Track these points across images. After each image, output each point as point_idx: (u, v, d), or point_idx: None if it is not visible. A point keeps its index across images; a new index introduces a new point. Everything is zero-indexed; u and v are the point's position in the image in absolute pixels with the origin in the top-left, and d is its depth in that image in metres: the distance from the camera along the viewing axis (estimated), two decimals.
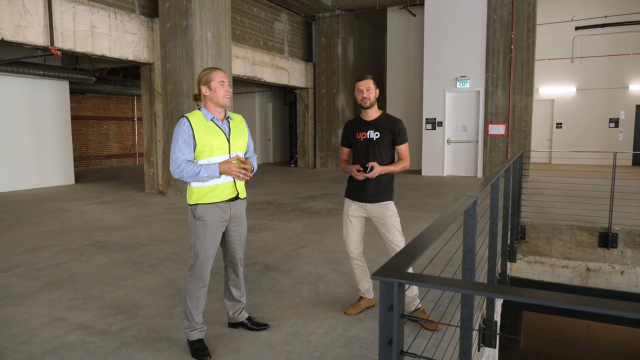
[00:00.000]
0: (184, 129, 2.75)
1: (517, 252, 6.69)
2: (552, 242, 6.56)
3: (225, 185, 2.85)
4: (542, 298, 1.04)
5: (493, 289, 1.07)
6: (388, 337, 1.03)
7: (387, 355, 1.03)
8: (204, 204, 2.80)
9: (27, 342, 2.96)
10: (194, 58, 8.32)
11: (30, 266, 4.57)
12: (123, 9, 8.34)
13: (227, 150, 2.85)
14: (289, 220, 6.72)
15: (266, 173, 13.31)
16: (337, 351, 2.82)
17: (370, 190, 3.30)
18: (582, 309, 1.06)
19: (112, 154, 15.33)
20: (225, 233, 2.94)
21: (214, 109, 2.84)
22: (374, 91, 3.33)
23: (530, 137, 11.52)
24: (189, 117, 2.79)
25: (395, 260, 1.12)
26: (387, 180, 3.34)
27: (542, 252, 6.62)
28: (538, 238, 6.63)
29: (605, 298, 1.10)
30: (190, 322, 2.83)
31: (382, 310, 1.06)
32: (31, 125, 9.87)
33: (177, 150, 2.73)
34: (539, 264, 6.63)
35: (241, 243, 3.03)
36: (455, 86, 11.99)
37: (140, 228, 6.23)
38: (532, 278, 6.68)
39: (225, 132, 2.86)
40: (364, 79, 3.31)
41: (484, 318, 3.40)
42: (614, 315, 0.95)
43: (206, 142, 2.77)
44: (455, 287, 1.14)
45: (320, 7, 13.50)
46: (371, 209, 3.33)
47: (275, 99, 17.19)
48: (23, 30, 6.74)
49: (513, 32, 11.23)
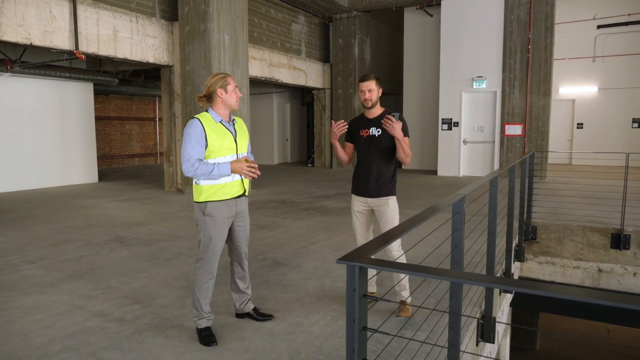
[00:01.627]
0: (197, 130, 2.92)
1: (528, 252, 6.72)
2: (563, 242, 6.56)
3: (233, 184, 3.03)
4: (481, 280, 1.16)
5: (438, 272, 1.20)
6: (352, 315, 1.18)
7: (351, 331, 1.18)
8: (214, 202, 2.98)
9: (50, 327, 3.19)
10: (211, 60, 8.56)
11: (55, 258, 4.84)
12: (144, 14, 8.64)
13: (235, 150, 3.03)
14: (301, 219, 6.89)
15: (283, 173, 13.52)
16: (336, 341, 2.97)
17: (372, 185, 3.43)
18: (529, 291, 1.19)
19: (134, 154, 15.77)
20: (231, 228, 3.11)
21: (223, 112, 3.02)
22: (376, 92, 3.42)
23: (547, 137, 11.43)
24: (200, 119, 2.97)
25: (362, 248, 1.27)
26: (388, 175, 3.44)
27: (554, 253, 6.63)
28: (549, 239, 6.64)
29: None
30: (198, 311, 3.02)
31: (347, 292, 1.21)
32: (57, 125, 10.28)
33: (190, 150, 2.91)
34: (550, 264, 6.64)
35: (246, 237, 3.20)
36: (472, 86, 11.99)
37: (158, 224, 6.49)
38: (543, 279, 6.69)
39: (232, 133, 3.04)
40: (366, 80, 3.40)
41: (483, 314, 3.49)
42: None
43: (217, 143, 2.95)
44: (410, 270, 1.27)
45: (337, 9, 13.65)
46: (372, 202, 3.46)
47: (293, 99, 17.40)
48: (50, 35, 7.08)
49: (530, 32, 11.17)
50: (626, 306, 1.08)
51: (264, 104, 16.62)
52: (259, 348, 2.90)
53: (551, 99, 11.46)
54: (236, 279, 3.27)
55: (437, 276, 1.40)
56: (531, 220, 6.66)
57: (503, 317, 5.07)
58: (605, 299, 1.11)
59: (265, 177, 12.20)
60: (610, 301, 1.11)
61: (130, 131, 15.61)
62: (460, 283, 1.77)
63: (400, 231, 1.46)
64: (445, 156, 12.48)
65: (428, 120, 13.72)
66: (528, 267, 6.75)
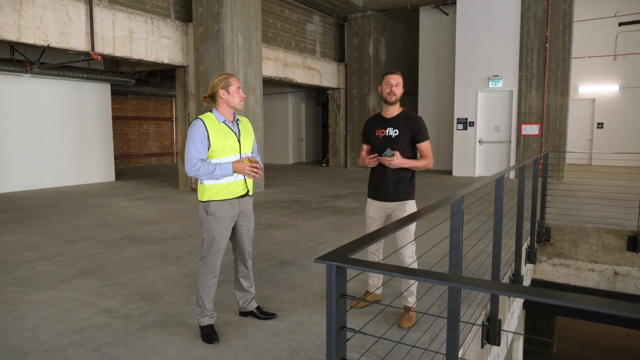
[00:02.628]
0: (199, 130, 2.96)
1: (542, 254, 6.61)
2: (578, 244, 6.44)
3: (236, 183, 3.06)
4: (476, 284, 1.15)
5: (426, 275, 1.20)
6: (330, 315, 1.18)
7: (330, 329, 1.18)
8: (217, 201, 3.01)
9: (59, 322, 3.27)
10: (224, 61, 8.64)
11: (68, 255, 4.95)
12: (159, 15, 8.76)
13: (238, 150, 3.05)
14: (312, 218, 6.90)
15: (297, 172, 13.56)
16: None
17: (389, 189, 3.31)
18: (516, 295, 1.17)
19: (151, 153, 16.00)
20: (234, 227, 3.14)
21: (226, 112, 3.05)
22: (401, 88, 3.34)
23: (565, 137, 11.23)
24: (203, 119, 3.00)
25: (342, 247, 1.27)
26: (407, 178, 3.31)
27: (568, 255, 6.52)
28: (563, 240, 6.52)
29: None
30: (201, 308, 3.05)
31: (327, 291, 1.21)
32: (75, 125, 10.49)
33: (193, 150, 2.95)
34: (564, 266, 6.53)
35: (249, 237, 3.22)
36: (488, 85, 11.84)
37: (170, 223, 6.58)
38: (557, 281, 6.58)
39: (236, 134, 3.06)
40: (395, 74, 3.31)
41: (488, 315, 3.46)
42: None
43: (219, 143, 2.98)
44: (389, 271, 1.27)
45: (352, 8, 13.63)
46: (390, 207, 3.35)
47: (308, 99, 17.43)
48: (67, 37, 7.23)
49: (548, 30, 10.98)
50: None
51: (279, 103, 16.69)
52: (260, 346, 2.92)
53: (569, 98, 11.25)
54: (240, 278, 3.29)
55: (425, 279, 1.40)
56: (545, 221, 6.55)
57: (513, 320, 5.00)
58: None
59: (279, 177, 12.26)
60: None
61: (147, 131, 15.84)
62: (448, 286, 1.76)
63: (384, 233, 1.46)
64: (461, 156, 12.35)
65: (443, 120, 13.60)
66: (541, 269, 6.64)
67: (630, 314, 0.99)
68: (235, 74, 8.86)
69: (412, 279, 1.30)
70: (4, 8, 6.45)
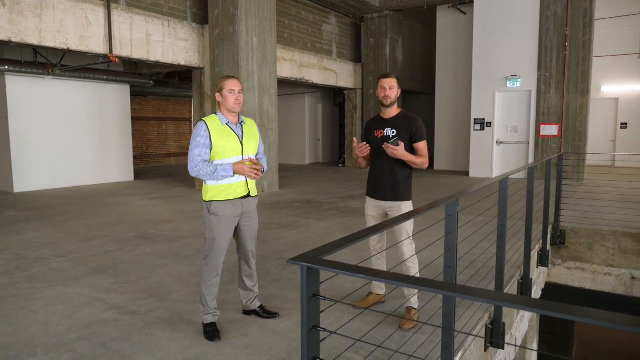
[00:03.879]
0: (202, 132, 3.03)
1: (556, 257, 6.51)
2: (593, 248, 6.32)
3: (238, 184, 3.11)
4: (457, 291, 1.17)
5: (384, 275, 1.22)
6: (303, 314, 1.21)
7: (302, 329, 1.21)
8: (218, 201, 3.07)
9: (69, 317, 3.37)
10: (239, 62, 8.74)
11: (83, 253, 5.09)
12: (176, 17, 8.91)
13: (240, 152, 3.11)
14: (323, 219, 6.93)
15: (313, 173, 13.60)
16: (336, 341, 2.98)
17: (386, 188, 3.36)
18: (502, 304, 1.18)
19: (170, 153, 16.27)
20: (237, 228, 3.20)
21: (227, 114, 3.11)
22: (396, 90, 3.37)
23: (585, 138, 11.00)
24: (206, 121, 3.07)
25: (317, 249, 1.30)
26: (403, 179, 3.35)
27: (583, 259, 6.39)
28: (579, 243, 6.41)
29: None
30: (204, 306, 3.11)
31: (301, 291, 1.24)
32: (96, 126, 10.75)
33: (195, 151, 3.02)
34: (579, 270, 6.41)
35: (252, 237, 3.27)
36: (506, 85, 11.69)
37: (184, 222, 6.69)
38: (572, 285, 6.46)
39: (238, 135, 3.12)
40: (388, 77, 3.35)
41: (492, 319, 3.43)
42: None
43: (221, 144, 3.04)
44: (359, 273, 1.29)
45: (369, 9, 13.61)
46: (386, 206, 3.40)
47: (325, 99, 17.47)
48: (86, 40, 7.42)
49: (568, 29, 10.78)
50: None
51: (296, 104, 16.76)
52: (260, 345, 2.96)
53: (590, 98, 11.02)
54: (243, 277, 3.35)
55: (409, 285, 1.41)
56: (559, 224, 6.44)
57: (523, 324, 4.94)
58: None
59: (294, 177, 12.33)
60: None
61: (166, 131, 16.11)
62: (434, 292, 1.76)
63: (364, 234, 1.48)
64: (478, 157, 12.21)
65: (460, 121, 13.48)
66: (556, 272, 6.53)
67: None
68: (249, 75, 8.96)
69: (393, 284, 1.31)
70: (25, 13, 6.66)
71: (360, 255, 4.78)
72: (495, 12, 11.65)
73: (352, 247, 5.21)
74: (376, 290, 3.60)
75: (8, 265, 4.65)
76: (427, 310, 3.37)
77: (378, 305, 3.59)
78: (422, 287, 1.47)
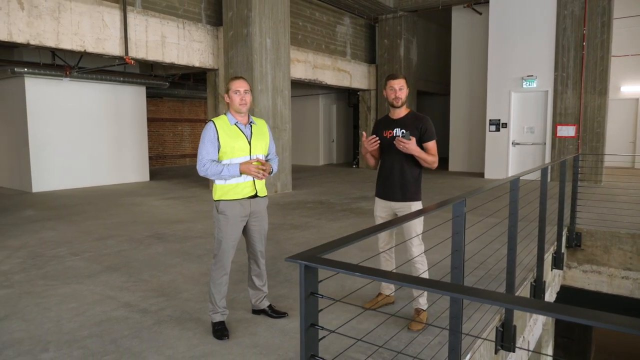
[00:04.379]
0: (210, 132, 3.07)
1: (572, 260, 6.40)
2: (610, 251, 6.20)
3: (245, 184, 3.13)
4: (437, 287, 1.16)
5: (386, 275, 1.21)
6: (301, 312, 1.21)
7: (301, 327, 1.21)
8: (226, 200, 3.10)
9: (81, 315, 3.43)
10: (253, 64, 8.79)
11: (97, 252, 5.17)
12: (191, 19, 9.01)
13: (248, 152, 3.13)
14: (335, 220, 6.93)
15: (326, 174, 13.60)
16: (344, 341, 2.98)
17: (395, 188, 3.35)
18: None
19: (185, 154, 16.43)
20: (246, 227, 3.22)
21: (236, 114, 3.14)
22: (406, 91, 3.36)
23: (603, 139, 10.80)
24: (215, 122, 3.10)
25: (315, 248, 1.30)
26: (412, 179, 3.33)
27: (600, 262, 6.27)
28: (595, 246, 6.29)
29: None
30: (213, 305, 3.14)
31: (299, 289, 1.25)
32: (112, 127, 10.91)
33: (203, 151, 3.06)
34: (595, 273, 6.29)
35: (261, 237, 3.28)
36: (522, 86, 11.54)
37: (197, 222, 6.75)
38: (588, 288, 6.35)
39: (247, 136, 3.14)
40: (397, 78, 3.33)
41: (502, 321, 3.39)
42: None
43: (229, 144, 3.06)
44: (357, 272, 1.29)
45: (383, 9, 13.58)
46: (395, 207, 3.38)
47: (339, 100, 17.46)
48: (102, 42, 7.55)
49: (585, 28, 10.60)
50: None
51: (310, 105, 16.79)
52: (267, 344, 2.97)
53: (608, 98, 10.82)
54: (252, 276, 3.37)
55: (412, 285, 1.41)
56: (575, 226, 6.33)
57: (537, 327, 4.87)
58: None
59: (308, 178, 12.34)
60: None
61: (182, 132, 16.28)
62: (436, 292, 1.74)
63: (364, 234, 1.48)
64: (493, 158, 12.08)
65: (476, 122, 13.35)
66: (572, 275, 6.42)
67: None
68: (263, 76, 9.00)
69: (396, 284, 1.30)
70: (43, 16, 6.80)
71: (369, 256, 4.77)
72: (511, 11, 11.52)
73: (362, 248, 5.21)
74: (385, 291, 3.59)
75: (25, 263, 4.75)
76: (436, 311, 3.34)
77: (387, 306, 3.57)
78: (427, 287, 1.46)
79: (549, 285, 5.28)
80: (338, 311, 3.48)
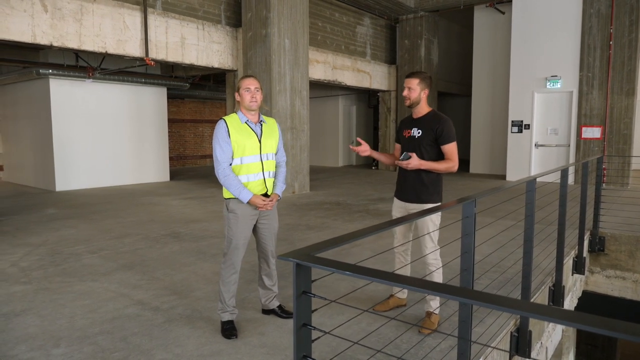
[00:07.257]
0: (222, 130, 3.07)
1: (595, 265, 6.20)
2: (635, 256, 5.99)
3: (255, 183, 3.13)
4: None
5: (385, 276, 1.17)
6: (295, 311, 1.18)
7: (294, 327, 1.18)
8: (236, 199, 3.09)
9: (94, 311, 3.47)
10: (271, 64, 8.82)
11: (114, 250, 5.25)
12: (210, 21, 9.09)
13: (259, 150, 3.12)
14: (351, 221, 6.88)
15: (345, 175, 13.55)
16: (355, 347, 2.94)
17: (409, 190, 3.29)
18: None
19: (206, 154, 16.59)
20: (256, 226, 3.21)
21: (246, 112, 3.13)
22: (417, 92, 3.24)
23: (631, 141, 10.46)
24: (226, 119, 3.10)
25: (309, 246, 1.27)
26: (428, 181, 3.24)
27: (624, 267, 6.07)
28: (619, 251, 6.08)
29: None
30: (223, 304, 3.14)
31: (292, 288, 1.21)
32: (133, 127, 11.09)
33: (219, 150, 3.05)
34: (619, 279, 6.08)
35: (271, 236, 3.27)
36: (545, 86, 11.28)
37: (213, 222, 6.79)
38: (612, 294, 6.14)
39: (257, 134, 3.13)
40: (409, 77, 3.26)
41: (517, 326, 3.29)
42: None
43: (239, 142, 3.06)
44: (352, 272, 1.25)
45: (404, 10, 13.46)
46: (411, 208, 3.32)
47: (359, 101, 17.39)
48: (123, 44, 7.67)
49: (612, 27, 10.30)
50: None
51: (329, 106, 16.76)
52: (275, 344, 2.95)
53: (636, 99, 10.48)
54: (263, 276, 3.35)
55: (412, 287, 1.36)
56: (599, 230, 6.14)
57: (556, 333, 4.73)
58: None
59: (326, 179, 12.31)
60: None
61: (202, 133, 16.45)
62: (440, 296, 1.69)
63: (360, 234, 1.44)
64: (515, 160, 11.84)
65: (498, 123, 13.10)
66: (594, 280, 6.23)
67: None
68: (281, 77, 9.02)
69: (399, 286, 1.26)
70: (66, 18, 6.95)
71: (382, 257, 4.71)
72: (535, 10, 11.28)
73: (375, 249, 5.13)
74: (397, 294, 3.53)
75: (43, 260, 4.84)
76: (447, 313, 3.27)
77: (399, 308, 3.51)
78: (433, 291, 1.40)
79: (569, 290, 5.13)
80: (348, 312, 3.44)
